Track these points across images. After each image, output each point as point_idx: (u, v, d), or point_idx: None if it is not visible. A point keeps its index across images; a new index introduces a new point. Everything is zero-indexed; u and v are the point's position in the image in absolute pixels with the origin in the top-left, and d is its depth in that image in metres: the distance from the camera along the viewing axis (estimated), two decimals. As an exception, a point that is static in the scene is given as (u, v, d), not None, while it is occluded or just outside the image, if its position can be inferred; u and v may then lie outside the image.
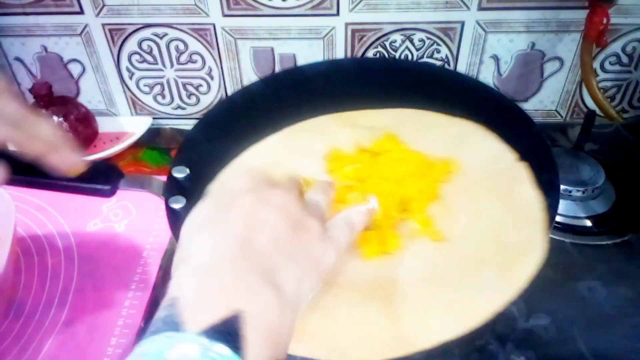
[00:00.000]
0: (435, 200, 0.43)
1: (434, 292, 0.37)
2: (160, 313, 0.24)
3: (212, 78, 0.67)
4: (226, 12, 0.61)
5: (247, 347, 0.23)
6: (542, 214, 0.40)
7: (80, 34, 0.64)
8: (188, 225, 0.30)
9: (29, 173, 0.44)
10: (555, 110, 0.68)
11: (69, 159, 0.37)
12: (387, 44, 0.63)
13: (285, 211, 0.30)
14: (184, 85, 0.68)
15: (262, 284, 0.26)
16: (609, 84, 0.65)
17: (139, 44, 0.65)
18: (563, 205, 0.54)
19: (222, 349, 0.22)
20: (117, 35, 0.64)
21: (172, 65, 0.66)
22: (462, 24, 0.60)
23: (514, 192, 0.43)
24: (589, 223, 0.53)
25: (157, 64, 0.66)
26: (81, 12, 0.62)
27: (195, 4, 0.60)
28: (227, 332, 0.22)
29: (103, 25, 0.63)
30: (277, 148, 0.51)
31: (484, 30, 0.61)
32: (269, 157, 0.49)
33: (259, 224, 0.28)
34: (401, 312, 0.35)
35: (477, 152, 0.48)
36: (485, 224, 0.41)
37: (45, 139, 0.37)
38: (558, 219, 0.53)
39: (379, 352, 0.33)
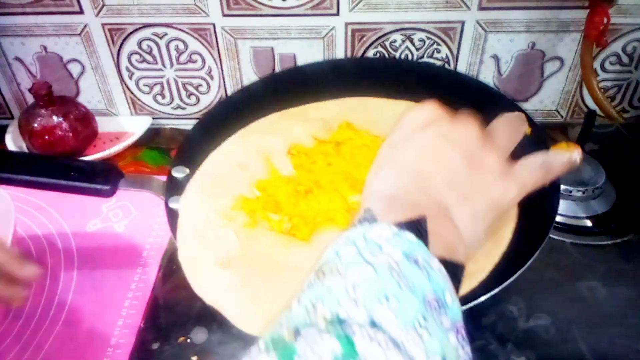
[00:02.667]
0: None
1: None
2: (356, 219, 0.28)
3: (212, 78, 0.67)
4: (226, 11, 0.61)
5: (428, 240, 0.26)
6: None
7: (80, 34, 0.64)
8: (374, 165, 0.32)
9: (29, 173, 0.44)
10: (556, 110, 0.68)
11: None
12: (387, 43, 0.63)
13: (463, 147, 0.30)
14: (184, 85, 0.68)
15: (437, 213, 0.28)
16: (609, 83, 0.65)
17: (139, 44, 0.65)
18: (563, 205, 0.54)
19: (410, 235, 0.25)
20: (116, 35, 0.64)
21: (172, 65, 0.66)
22: (463, 23, 0.60)
23: None
24: (589, 223, 0.53)
25: (157, 63, 0.66)
26: (81, 11, 0.62)
27: (195, 4, 0.60)
28: (413, 226, 0.26)
29: (103, 25, 0.63)
30: (236, 152, 0.50)
31: (484, 30, 0.61)
32: (232, 161, 0.48)
33: (436, 161, 0.29)
34: None
35: None
36: None
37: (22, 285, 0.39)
38: (558, 219, 0.53)
39: None
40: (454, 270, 0.26)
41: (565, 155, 0.35)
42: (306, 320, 0.22)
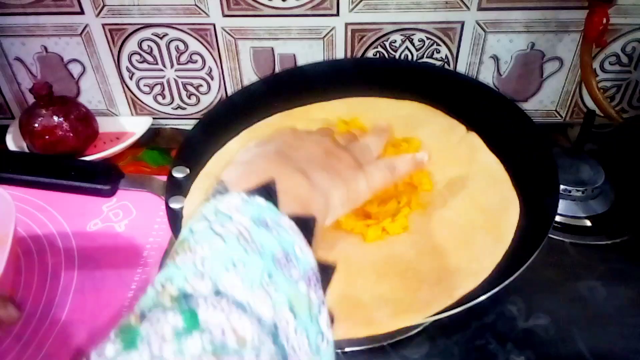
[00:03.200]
0: (409, 179, 0.46)
1: (438, 260, 0.40)
2: (210, 192, 0.29)
3: (212, 78, 0.67)
4: (226, 12, 0.61)
5: (278, 200, 0.28)
6: (505, 174, 0.46)
7: (80, 34, 0.64)
8: (242, 152, 0.34)
9: (29, 173, 0.44)
10: (555, 110, 0.68)
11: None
12: (387, 44, 0.63)
13: (318, 143, 0.34)
14: (184, 85, 0.68)
15: (295, 171, 0.31)
16: (608, 84, 0.65)
17: (139, 44, 0.65)
18: (563, 205, 0.54)
19: (259, 200, 0.27)
20: (117, 35, 0.64)
21: (172, 66, 0.67)
22: (462, 24, 0.60)
23: (474, 159, 0.48)
24: (588, 223, 0.53)
25: (157, 64, 0.66)
26: (81, 12, 0.62)
27: (195, 4, 0.60)
28: (263, 190, 0.28)
29: (103, 25, 0.63)
30: None
31: (483, 30, 0.61)
32: None
33: (295, 146, 0.33)
34: (418, 281, 0.38)
35: (429, 128, 0.52)
36: (460, 192, 0.45)
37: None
38: (558, 218, 0.53)
39: (411, 318, 0.36)
40: (306, 224, 0.28)
41: (407, 157, 0.40)
42: (154, 301, 0.22)
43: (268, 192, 0.28)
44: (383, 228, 0.42)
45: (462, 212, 0.44)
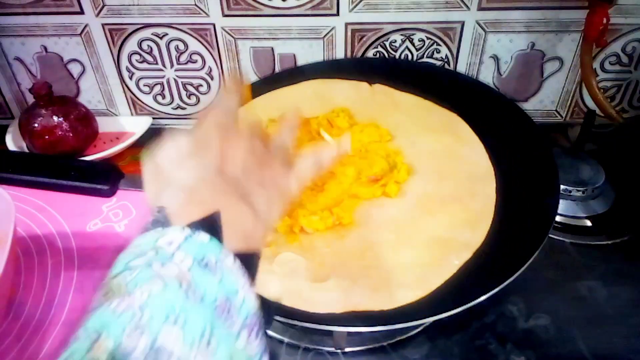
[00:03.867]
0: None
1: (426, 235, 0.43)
2: (149, 219, 0.28)
3: (212, 78, 0.67)
4: (226, 12, 0.61)
5: (223, 236, 0.27)
6: (479, 140, 0.50)
7: (80, 34, 0.64)
8: (167, 156, 0.32)
9: (29, 173, 0.44)
10: (555, 110, 0.68)
11: None
12: (387, 44, 0.63)
13: (251, 151, 0.33)
14: (184, 85, 0.68)
15: (237, 200, 0.30)
16: (608, 83, 0.65)
17: (139, 44, 0.65)
18: (563, 205, 0.54)
19: (203, 236, 0.26)
20: (117, 35, 0.64)
21: (172, 65, 0.66)
22: (462, 24, 0.60)
23: (450, 129, 0.51)
24: (588, 223, 0.53)
25: (157, 64, 0.66)
26: (81, 12, 0.62)
27: (195, 4, 0.60)
28: (206, 225, 0.27)
29: (103, 25, 0.63)
30: None
31: (483, 30, 0.61)
32: None
33: (231, 158, 0.32)
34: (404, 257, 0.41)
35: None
36: (440, 164, 0.48)
37: None
38: (558, 219, 0.53)
39: (404, 297, 0.38)
40: (251, 260, 0.28)
41: (331, 147, 0.39)
42: (89, 354, 0.21)
43: (212, 225, 0.27)
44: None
45: (444, 182, 0.46)
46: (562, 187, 0.53)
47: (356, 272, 0.40)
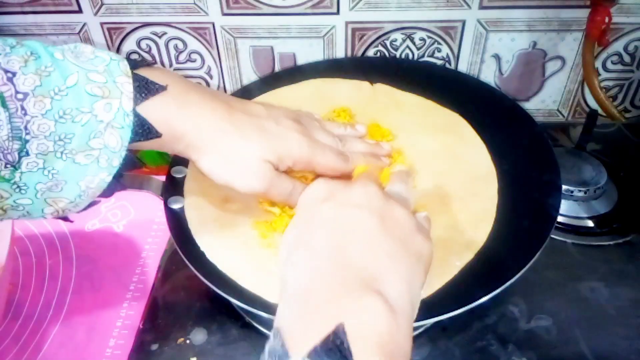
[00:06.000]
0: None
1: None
2: (267, 346, 0.24)
3: (211, 77, 0.67)
4: (225, 10, 0.61)
5: (353, 354, 0.22)
6: (480, 140, 0.50)
7: (78, 33, 0.64)
8: (281, 253, 0.30)
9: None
10: (557, 110, 0.68)
11: None
12: (387, 43, 0.63)
13: (369, 207, 0.28)
14: (184, 84, 0.68)
15: (363, 293, 0.24)
16: (611, 83, 0.65)
17: (138, 43, 0.64)
18: (565, 206, 0.53)
19: None
20: (115, 34, 0.64)
21: (171, 65, 0.66)
22: (463, 22, 0.60)
23: (451, 129, 0.51)
24: (591, 223, 0.53)
25: (156, 63, 0.66)
26: (79, 11, 0.62)
27: (195, 3, 0.60)
28: (331, 349, 0.22)
29: (101, 24, 0.63)
30: None
31: (485, 29, 0.60)
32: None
33: (348, 230, 0.27)
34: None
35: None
36: (441, 164, 0.47)
37: None
38: (560, 219, 0.53)
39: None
40: None
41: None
42: None
43: (338, 346, 0.22)
44: None
45: (447, 179, 0.46)
46: (564, 187, 0.53)
47: None
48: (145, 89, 0.33)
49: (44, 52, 0.30)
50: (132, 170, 0.35)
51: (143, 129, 0.33)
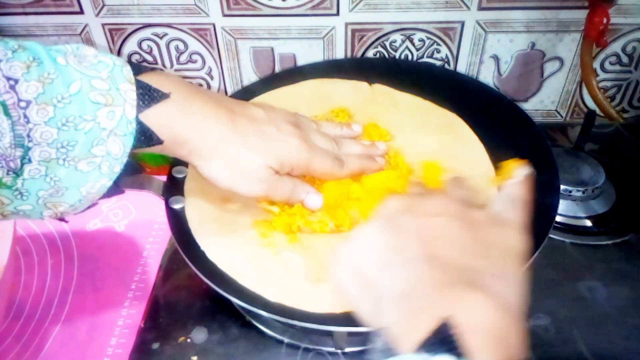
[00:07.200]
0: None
1: None
2: (374, 345, 0.24)
3: (212, 78, 0.67)
4: (226, 12, 0.61)
5: (470, 351, 0.21)
6: (479, 140, 0.50)
7: (80, 34, 0.64)
8: (365, 260, 0.29)
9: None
10: (556, 110, 0.68)
11: None
12: (387, 43, 0.63)
13: (448, 214, 0.29)
14: (184, 85, 0.68)
15: (469, 290, 0.24)
16: (609, 83, 0.65)
17: (139, 44, 0.65)
18: (563, 205, 0.54)
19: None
20: (117, 35, 0.64)
21: (172, 65, 0.66)
22: (462, 23, 0.60)
23: (450, 129, 0.51)
24: (589, 223, 0.53)
25: (157, 64, 0.66)
26: (81, 12, 0.62)
27: (195, 4, 0.60)
28: (442, 341, 0.22)
29: (103, 25, 0.63)
30: None
31: (484, 30, 0.61)
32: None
33: (436, 236, 0.27)
34: None
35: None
36: (440, 163, 0.47)
37: None
38: (558, 219, 0.53)
39: None
40: None
41: (518, 183, 0.36)
42: None
43: (448, 339, 0.22)
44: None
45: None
46: (562, 187, 0.53)
47: None
48: (148, 96, 0.33)
49: (47, 57, 0.30)
50: (132, 175, 0.35)
51: (145, 136, 0.33)
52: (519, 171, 0.35)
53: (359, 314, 0.28)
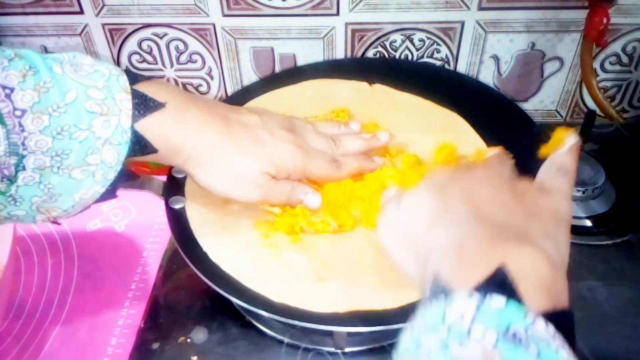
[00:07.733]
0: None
1: None
2: (426, 291, 0.25)
3: (212, 78, 0.67)
4: (226, 12, 0.61)
5: (521, 295, 0.22)
6: (479, 140, 0.50)
7: (80, 34, 0.64)
8: (413, 220, 0.30)
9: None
10: (556, 110, 0.68)
11: None
12: (387, 43, 0.63)
13: (494, 183, 0.29)
14: (184, 85, 0.68)
15: (521, 244, 0.25)
16: (609, 83, 0.65)
17: (139, 44, 0.65)
18: (563, 205, 0.54)
19: (497, 300, 0.21)
20: (117, 35, 0.64)
21: (172, 65, 0.66)
22: (462, 23, 0.60)
23: (450, 129, 0.51)
24: (589, 223, 0.53)
25: (157, 64, 0.66)
26: (81, 12, 0.62)
27: (195, 4, 0.60)
28: (496, 284, 0.22)
29: (103, 25, 0.63)
30: None
31: (484, 30, 0.61)
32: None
33: (484, 200, 0.28)
34: None
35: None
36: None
37: None
38: (558, 219, 0.53)
39: (406, 297, 0.38)
40: (564, 322, 0.22)
41: (567, 151, 0.35)
42: None
43: (502, 283, 0.22)
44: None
45: None
46: (562, 187, 0.53)
47: (358, 272, 0.40)
48: (143, 106, 0.33)
49: (43, 66, 0.30)
50: (126, 182, 0.35)
51: (140, 145, 0.33)
52: (569, 139, 0.35)
53: (406, 274, 0.29)
